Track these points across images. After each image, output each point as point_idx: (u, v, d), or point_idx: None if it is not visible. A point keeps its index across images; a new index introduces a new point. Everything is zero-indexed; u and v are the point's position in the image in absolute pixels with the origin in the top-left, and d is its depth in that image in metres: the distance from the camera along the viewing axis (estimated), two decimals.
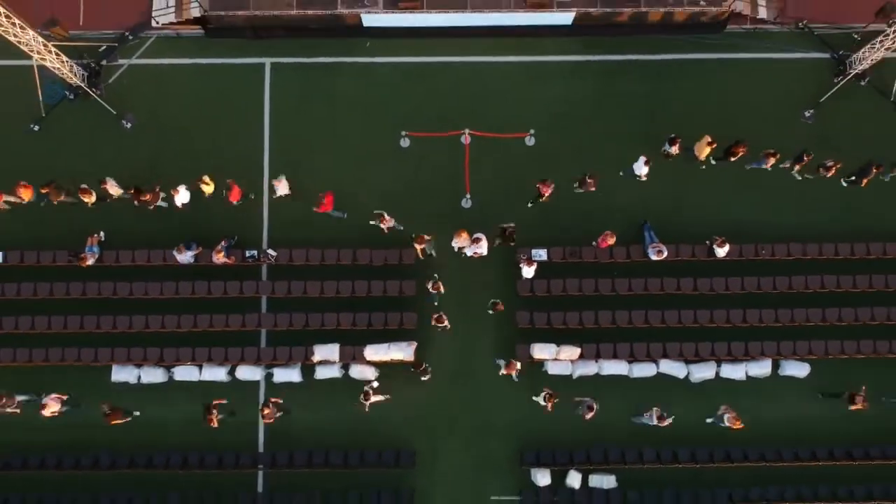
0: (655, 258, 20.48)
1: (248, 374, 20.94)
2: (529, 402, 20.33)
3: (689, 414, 20.67)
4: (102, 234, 21.17)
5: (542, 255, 20.92)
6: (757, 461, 20.49)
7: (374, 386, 20.04)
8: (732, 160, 21.11)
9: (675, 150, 20.99)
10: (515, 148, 21.87)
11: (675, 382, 20.89)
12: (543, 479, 20.43)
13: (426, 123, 21.90)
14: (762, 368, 20.89)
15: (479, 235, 20.44)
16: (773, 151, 20.71)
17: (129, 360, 20.85)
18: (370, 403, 19.83)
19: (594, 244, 20.79)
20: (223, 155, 21.76)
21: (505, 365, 20.23)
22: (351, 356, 20.70)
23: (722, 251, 20.53)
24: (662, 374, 20.89)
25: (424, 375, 20.67)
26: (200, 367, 20.92)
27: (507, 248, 20.89)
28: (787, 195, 21.71)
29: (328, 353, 20.62)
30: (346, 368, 20.96)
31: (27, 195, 20.76)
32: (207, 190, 20.83)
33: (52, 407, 20.02)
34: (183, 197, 20.84)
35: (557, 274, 20.88)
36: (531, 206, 21.25)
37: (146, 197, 20.60)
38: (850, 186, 21.50)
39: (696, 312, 20.92)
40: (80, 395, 20.65)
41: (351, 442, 20.81)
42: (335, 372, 20.88)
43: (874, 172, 20.91)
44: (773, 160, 20.83)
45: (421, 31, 21.90)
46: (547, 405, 19.80)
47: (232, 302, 20.98)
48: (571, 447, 20.64)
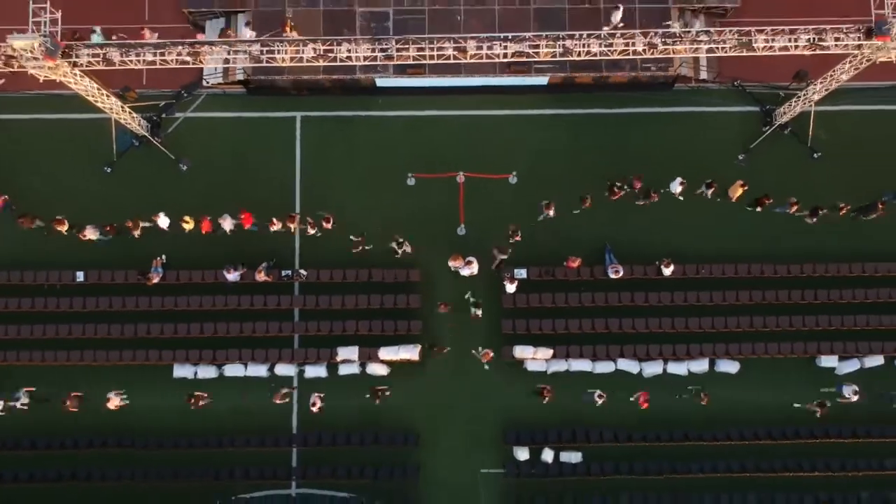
0: (614, 276, 25.29)
1: (284, 370, 25.76)
2: (511, 393, 25.21)
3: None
4: (164, 257, 25.85)
5: (522, 273, 25.68)
6: (696, 440, 25.24)
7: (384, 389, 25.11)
8: (760, 210, 25.84)
9: (710, 192, 25.63)
10: (501, 186, 26.63)
11: (630, 377, 25.65)
12: (523, 454, 25.21)
13: (428, 166, 26.65)
14: (700, 366, 25.65)
15: (471, 258, 25.23)
16: (795, 200, 25.32)
17: (187, 359, 25.63)
18: (382, 397, 24.91)
19: (564, 265, 25.54)
20: (262, 192, 26.44)
21: (481, 354, 25.02)
22: (367, 356, 25.49)
23: (668, 270, 25.33)
24: (620, 370, 25.65)
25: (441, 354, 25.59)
26: (245, 364, 25.70)
27: (494, 269, 25.74)
28: (721, 224, 26.34)
29: (349, 353, 25.40)
30: (363, 366, 25.72)
31: (92, 234, 25.47)
32: (187, 227, 25.30)
33: (114, 402, 24.87)
34: (228, 224, 25.54)
35: (535, 289, 25.65)
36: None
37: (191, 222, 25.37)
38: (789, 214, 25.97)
39: (647, 320, 25.70)
40: (147, 389, 25.46)
41: (367, 425, 25.60)
42: (355, 369, 25.66)
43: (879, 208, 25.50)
44: (795, 207, 25.39)
45: (424, 90, 26.63)
46: (545, 399, 24.70)
47: (271, 312, 25.82)
48: (545, 429, 25.42)
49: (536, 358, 25.51)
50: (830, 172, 26.58)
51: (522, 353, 25.42)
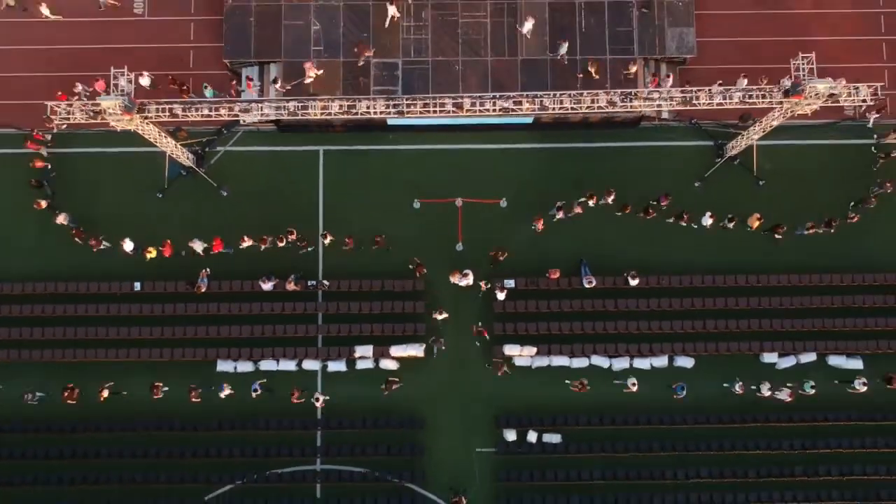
0: (588, 286, 29.99)
1: (310, 365, 30.50)
2: (502, 384, 29.87)
3: (610, 392, 30.06)
4: (209, 269, 30.51)
5: (511, 283, 30.38)
6: (657, 424, 30.02)
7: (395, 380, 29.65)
8: (777, 236, 30.35)
9: (732, 224, 30.16)
10: (493, 209, 31.36)
11: (601, 371, 30.38)
12: (511, 436, 29.91)
13: (431, 192, 31.35)
14: (661, 361, 30.36)
15: (467, 271, 29.89)
16: (812, 224, 29.71)
17: (228, 356, 30.38)
18: (391, 390, 29.48)
19: (546, 276, 30.24)
20: (290, 213, 31.09)
21: (479, 329, 29.67)
22: (381, 353, 30.23)
23: (634, 281, 30.04)
24: (593, 364, 30.36)
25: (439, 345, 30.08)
26: (277, 360, 30.41)
27: (487, 277, 30.42)
28: (680, 241, 30.98)
29: (365, 351, 30.14)
30: (377, 362, 30.43)
31: (166, 252, 30.00)
32: (149, 255, 29.54)
33: (158, 393, 29.46)
34: (199, 246, 29.91)
35: (521, 297, 30.38)
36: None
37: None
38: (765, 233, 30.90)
39: (616, 323, 30.42)
40: (195, 382, 29.99)
41: (380, 411, 30.30)
42: (370, 364, 30.38)
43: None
44: (813, 229, 29.81)
45: (428, 128, 31.25)
46: (498, 372, 29.26)
47: (298, 316, 30.57)
48: (530, 414, 30.15)
49: (523, 355, 30.21)
50: (773, 197, 31.27)
51: (511, 350, 30.13)
